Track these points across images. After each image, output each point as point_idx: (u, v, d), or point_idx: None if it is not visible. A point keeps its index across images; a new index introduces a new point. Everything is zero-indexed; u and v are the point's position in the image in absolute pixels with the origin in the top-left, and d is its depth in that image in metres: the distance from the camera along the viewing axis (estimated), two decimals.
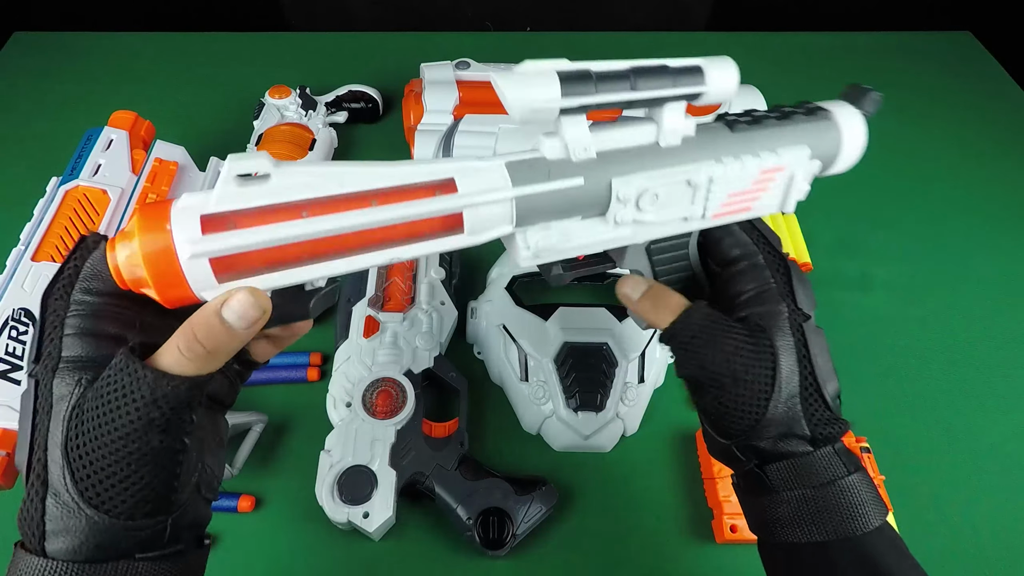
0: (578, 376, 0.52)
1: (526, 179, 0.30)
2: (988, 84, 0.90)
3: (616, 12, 1.02)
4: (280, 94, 0.71)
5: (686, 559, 0.49)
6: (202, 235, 0.24)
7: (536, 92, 0.28)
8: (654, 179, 0.32)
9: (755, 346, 0.33)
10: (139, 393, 0.24)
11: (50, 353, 0.26)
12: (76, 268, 0.27)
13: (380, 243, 0.27)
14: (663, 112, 0.32)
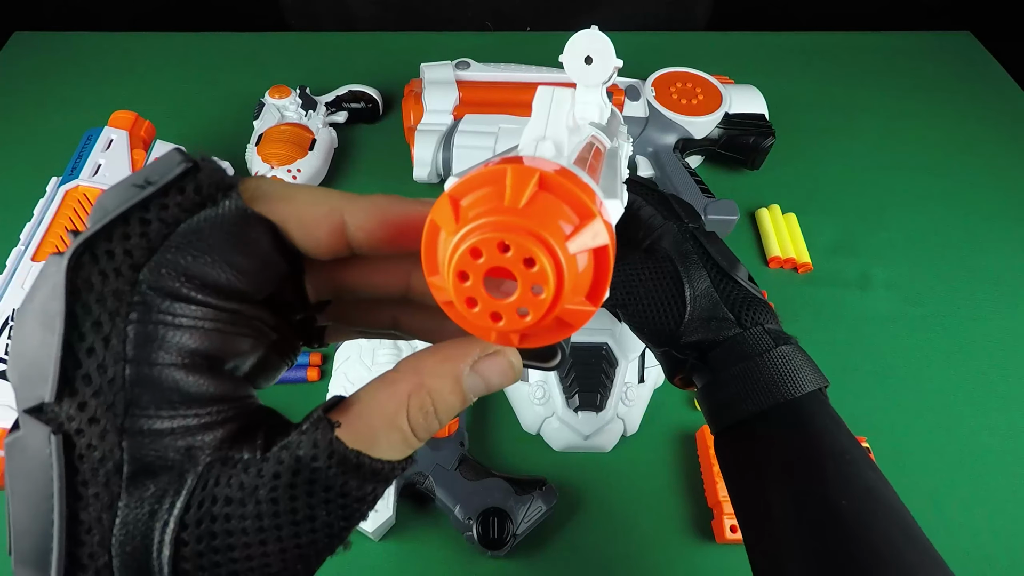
0: (578, 376, 0.52)
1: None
2: (988, 84, 0.89)
3: (616, 12, 1.02)
4: (280, 94, 0.71)
5: (686, 559, 0.49)
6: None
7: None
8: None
9: (655, 264, 0.38)
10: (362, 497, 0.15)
11: (100, 388, 0.14)
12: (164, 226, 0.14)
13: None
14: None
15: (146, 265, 0.14)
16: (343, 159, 0.75)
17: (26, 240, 0.53)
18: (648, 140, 0.70)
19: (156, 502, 0.14)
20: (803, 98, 0.84)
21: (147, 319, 0.14)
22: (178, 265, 0.14)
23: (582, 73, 0.30)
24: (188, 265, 0.14)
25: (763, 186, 0.74)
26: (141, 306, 0.14)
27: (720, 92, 0.71)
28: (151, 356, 0.14)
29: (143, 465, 0.14)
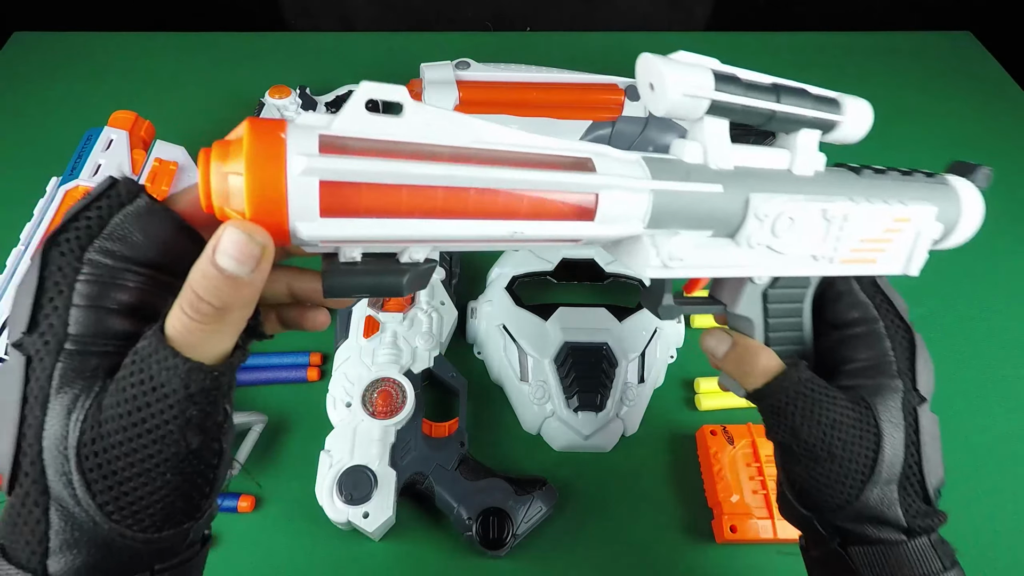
0: (578, 376, 0.52)
1: (665, 174, 0.28)
2: (988, 84, 0.90)
3: (616, 12, 1.02)
4: (280, 94, 0.71)
5: (686, 559, 0.49)
6: (319, 153, 0.21)
7: (693, 77, 0.27)
8: (794, 203, 0.30)
9: (859, 423, 0.30)
10: (172, 386, 0.20)
11: (51, 325, 0.21)
12: (100, 220, 0.22)
13: (502, 214, 0.24)
14: (797, 137, 0.31)
15: (89, 246, 0.21)
16: None
17: (26, 240, 0.54)
18: (648, 140, 0.70)
19: (72, 403, 0.21)
20: None
21: (91, 280, 0.21)
22: (106, 246, 0.22)
23: (648, 98, 0.28)
24: (112, 245, 0.22)
25: None
26: (85, 272, 0.21)
27: None
28: (94, 303, 0.21)
29: (66, 375, 0.21)
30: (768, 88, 0.29)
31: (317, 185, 0.21)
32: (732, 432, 0.52)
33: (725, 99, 0.28)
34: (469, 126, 0.23)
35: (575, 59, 0.81)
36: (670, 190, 0.27)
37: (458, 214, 0.23)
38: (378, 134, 0.22)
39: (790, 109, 0.29)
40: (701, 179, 0.28)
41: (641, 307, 0.57)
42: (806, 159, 0.31)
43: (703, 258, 0.30)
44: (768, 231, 0.30)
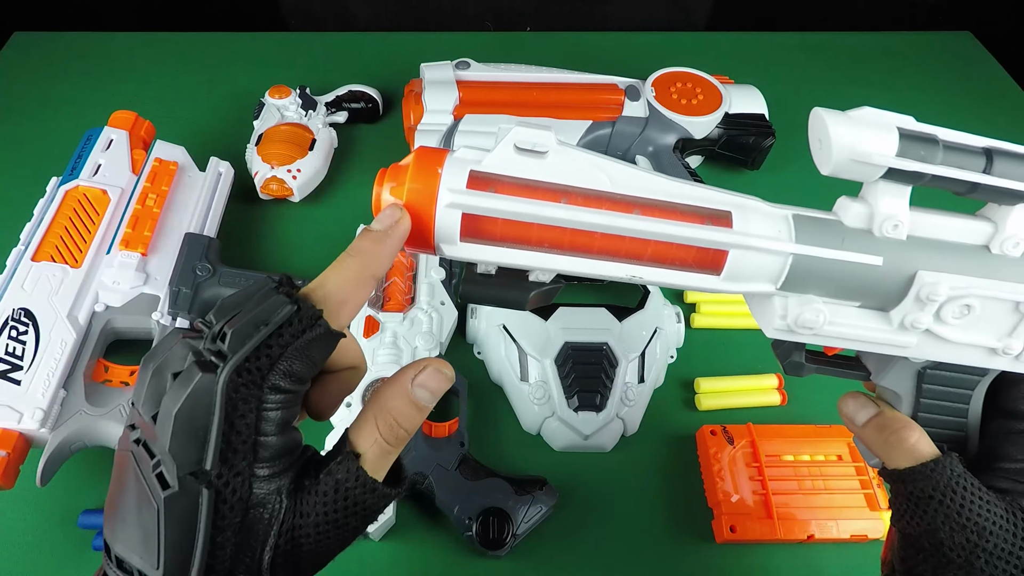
0: (578, 376, 0.52)
1: (813, 239, 0.26)
2: (988, 84, 0.90)
3: (616, 12, 1.02)
4: (280, 94, 0.71)
5: (686, 559, 0.49)
6: (465, 188, 0.24)
7: (868, 139, 0.24)
8: (975, 287, 0.26)
9: (1011, 535, 0.26)
10: (371, 507, 0.24)
11: (244, 456, 0.22)
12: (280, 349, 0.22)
13: (625, 256, 0.25)
14: (1011, 212, 0.26)
15: (270, 373, 0.22)
16: (343, 159, 0.75)
17: (26, 240, 0.53)
18: (648, 140, 0.70)
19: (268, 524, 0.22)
20: (803, 98, 0.84)
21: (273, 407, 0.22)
22: (284, 370, 0.22)
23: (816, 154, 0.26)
24: (290, 369, 0.23)
25: (763, 186, 0.74)
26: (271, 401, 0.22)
27: (720, 92, 0.71)
28: (275, 430, 0.23)
29: (258, 500, 0.22)
30: (976, 152, 0.25)
31: (459, 216, 0.25)
32: (732, 432, 0.52)
33: (908, 166, 0.24)
34: (607, 170, 0.25)
35: (575, 59, 0.81)
36: (814, 255, 0.25)
37: (582, 252, 0.25)
38: (521, 172, 0.25)
39: (1002, 183, 0.25)
40: (857, 248, 0.26)
41: (641, 307, 0.57)
42: (1017, 240, 0.26)
43: (842, 330, 0.27)
44: (930, 315, 0.26)
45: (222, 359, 0.22)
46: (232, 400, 0.21)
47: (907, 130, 0.24)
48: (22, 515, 0.49)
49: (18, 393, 0.46)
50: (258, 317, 0.22)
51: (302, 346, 0.23)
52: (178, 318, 0.54)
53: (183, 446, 0.21)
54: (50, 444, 0.46)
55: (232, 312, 0.23)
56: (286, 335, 0.22)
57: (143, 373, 0.24)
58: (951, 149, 0.25)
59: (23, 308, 0.50)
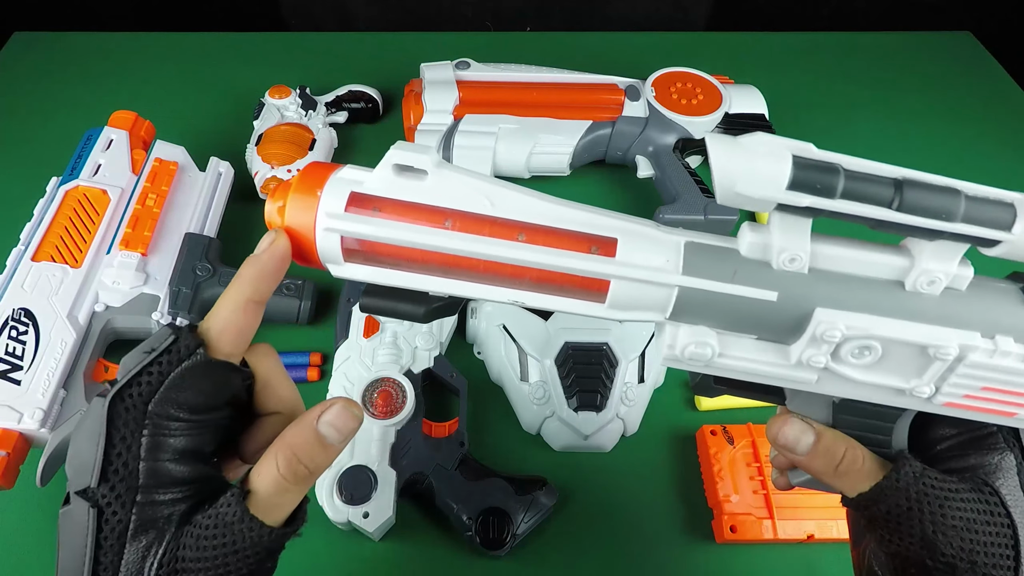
0: (578, 376, 0.52)
1: (703, 270, 0.24)
2: (988, 84, 0.90)
3: (616, 12, 1.02)
4: (280, 94, 0.71)
5: (686, 559, 0.49)
6: (344, 212, 0.24)
7: (755, 172, 0.21)
8: (877, 328, 0.24)
9: (990, 516, 0.25)
10: (254, 547, 0.23)
11: (122, 479, 0.22)
12: (160, 376, 0.23)
13: (509, 279, 0.25)
14: (925, 247, 0.23)
15: (152, 400, 0.23)
16: (343, 159, 0.75)
17: (26, 240, 0.54)
18: (648, 140, 0.70)
19: (146, 550, 0.22)
20: (803, 98, 0.84)
21: (153, 433, 0.23)
22: (169, 398, 0.23)
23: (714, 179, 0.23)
24: (173, 397, 0.23)
25: None
26: (150, 426, 0.23)
27: (720, 92, 0.71)
28: (155, 455, 0.23)
29: (141, 525, 0.22)
30: (886, 183, 0.22)
31: (338, 239, 0.24)
32: (732, 432, 0.52)
33: (800, 202, 0.21)
34: (488, 194, 0.24)
35: (575, 59, 0.81)
36: (702, 288, 0.24)
37: (465, 275, 0.25)
38: (402, 195, 0.24)
39: (911, 221, 0.22)
40: (751, 281, 0.24)
41: None
42: (930, 272, 0.24)
43: (737, 363, 0.25)
44: (827, 355, 0.25)
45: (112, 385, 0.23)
46: (114, 423, 0.22)
47: (804, 159, 0.21)
48: (22, 515, 0.49)
49: (18, 393, 0.46)
50: (143, 347, 0.24)
51: (184, 374, 0.23)
52: (178, 318, 0.54)
53: (78, 466, 0.23)
54: (50, 444, 0.46)
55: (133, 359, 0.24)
56: (164, 362, 0.23)
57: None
58: (855, 179, 0.22)
59: (23, 308, 0.50)
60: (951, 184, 0.22)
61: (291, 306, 0.57)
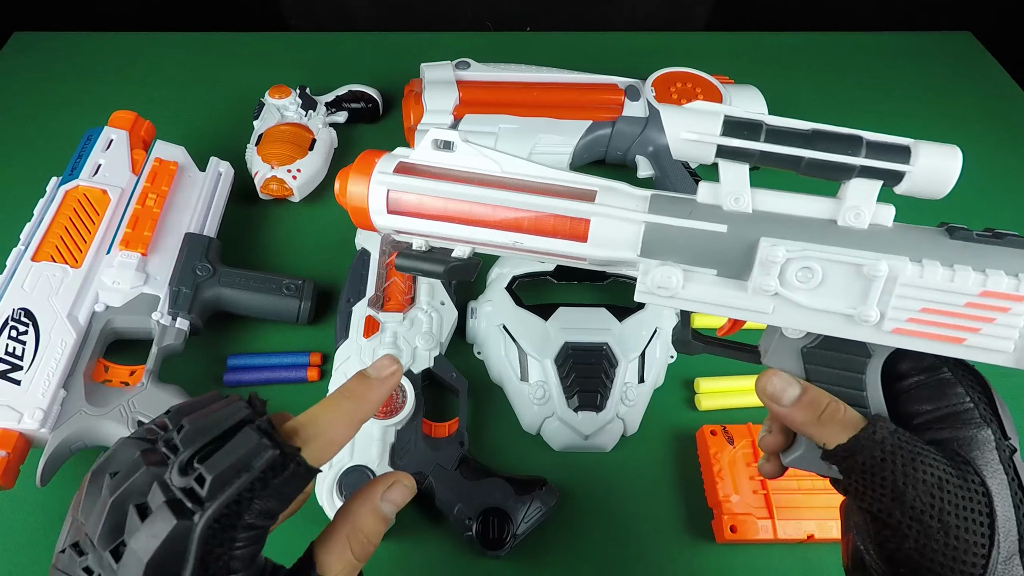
0: (578, 376, 0.52)
1: (667, 211, 0.29)
2: (988, 84, 0.90)
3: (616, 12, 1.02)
4: (280, 94, 0.71)
5: (686, 559, 0.49)
6: (392, 173, 0.32)
7: (695, 124, 0.27)
8: (812, 251, 0.28)
9: (964, 481, 0.25)
10: None
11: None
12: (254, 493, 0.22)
13: (510, 228, 0.31)
14: (848, 186, 0.28)
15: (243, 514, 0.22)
16: (343, 159, 0.75)
17: (26, 240, 0.54)
18: (648, 140, 0.70)
19: None
20: (803, 98, 0.84)
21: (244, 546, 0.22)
22: (258, 510, 0.22)
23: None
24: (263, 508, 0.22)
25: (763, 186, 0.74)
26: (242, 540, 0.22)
27: (720, 92, 0.71)
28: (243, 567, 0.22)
29: None
30: (802, 135, 0.28)
31: (385, 192, 0.32)
32: (732, 432, 0.52)
33: (734, 144, 0.28)
34: (499, 161, 0.31)
35: (575, 59, 0.81)
36: (664, 224, 0.29)
37: (476, 224, 0.31)
38: (437, 163, 0.32)
39: (823, 156, 0.27)
40: (704, 218, 0.29)
41: (641, 307, 0.57)
42: (857, 211, 0.28)
43: (699, 294, 0.30)
44: (775, 278, 0.28)
45: (198, 504, 0.21)
46: (208, 546, 0.21)
47: (733, 116, 0.28)
48: (22, 515, 0.49)
49: (18, 393, 0.46)
50: (240, 463, 0.22)
51: (279, 486, 0.23)
52: (178, 318, 0.54)
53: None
54: (50, 444, 0.46)
55: (200, 441, 0.22)
56: (269, 479, 0.22)
57: (92, 485, 0.23)
58: (774, 132, 0.27)
59: (23, 308, 0.50)
60: (858, 133, 0.27)
61: (291, 306, 0.57)
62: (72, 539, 0.23)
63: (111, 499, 0.22)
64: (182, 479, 0.22)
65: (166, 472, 0.22)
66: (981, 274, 0.26)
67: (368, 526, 0.25)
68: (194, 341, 0.56)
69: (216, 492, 0.21)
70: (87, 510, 0.23)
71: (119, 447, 0.24)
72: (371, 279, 0.57)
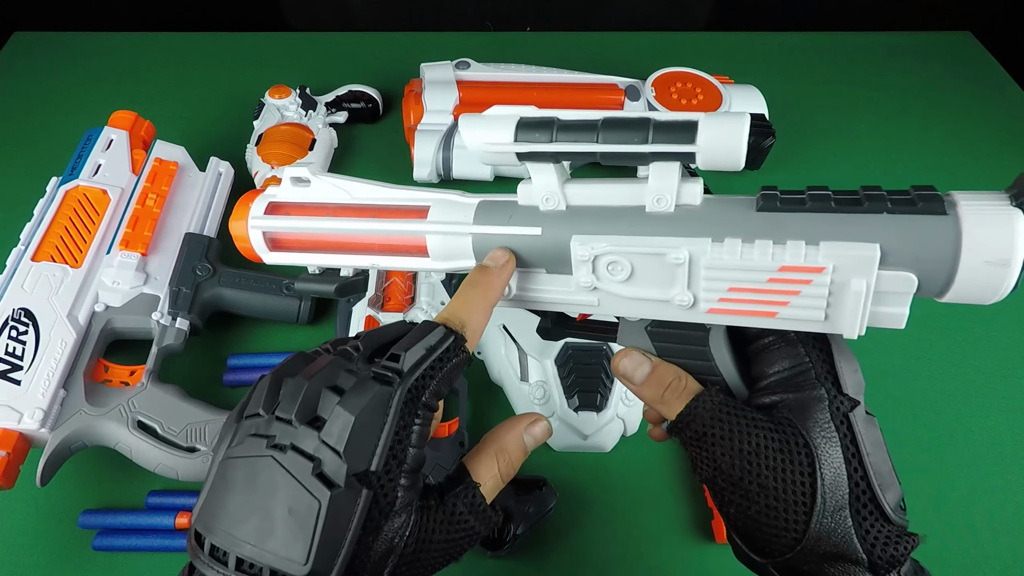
0: (578, 376, 0.52)
1: (487, 219, 0.31)
2: (988, 84, 0.90)
3: (616, 12, 1.02)
4: (280, 94, 0.71)
5: (686, 559, 0.49)
6: (263, 215, 0.35)
7: (489, 134, 0.28)
8: (616, 245, 0.28)
9: (786, 445, 0.26)
10: (484, 531, 0.27)
11: (400, 463, 0.25)
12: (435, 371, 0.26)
13: (367, 250, 0.34)
14: (651, 172, 0.27)
15: (426, 391, 0.26)
16: (343, 159, 0.75)
17: (26, 240, 0.54)
18: None
19: (400, 528, 0.24)
20: (803, 98, 0.84)
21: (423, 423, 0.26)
22: (435, 390, 0.26)
23: None
24: (438, 389, 0.26)
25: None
26: (421, 417, 0.25)
27: (720, 92, 0.71)
28: (419, 443, 0.25)
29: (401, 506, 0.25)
30: (592, 125, 0.27)
31: (260, 234, 0.35)
32: None
33: (528, 148, 0.27)
34: (348, 189, 0.34)
35: (575, 59, 0.81)
36: (487, 233, 0.30)
37: (342, 250, 0.34)
38: (298, 198, 0.35)
39: (613, 148, 0.26)
40: (522, 222, 0.30)
41: None
42: (659, 196, 0.27)
43: (535, 294, 0.32)
44: (589, 275, 0.29)
45: (398, 375, 0.25)
46: (402, 412, 0.25)
47: (527, 118, 0.27)
48: (22, 515, 0.49)
49: (18, 393, 0.46)
50: (427, 343, 0.26)
51: (450, 370, 0.27)
52: (178, 318, 0.54)
53: (356, 449, 0.24)
54: (50, 444, 0.46)
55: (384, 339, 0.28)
56: (446, 360, 0.26)
57: (271, 386, 0.26)
58: (565, 128, 0.27)
59: (23, 308, 0.50)
60: (648, 116, 0.26)
61: (291, 306, 0.57)
62: (247, 432, 0.25)
63: (306, 383, 0.25)
64: (369, 367, 0.26)
65: (351, 364, 0.26)
66: (781, 246, 0.25)
67: (513, 449, 0.29)
68: (194, 341, 0.56)
69: (412, 366, 0.26)
70: (268, 404, 0.25)
71: (294, 358, 0.28)
72: (371, 279, 0.57)
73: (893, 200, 0.25)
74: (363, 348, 0.27)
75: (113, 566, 0.47)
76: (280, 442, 0.24)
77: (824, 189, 0.26)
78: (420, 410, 0.25)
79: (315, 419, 0.25)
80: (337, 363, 0.26)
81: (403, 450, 0.25)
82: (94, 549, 0.47)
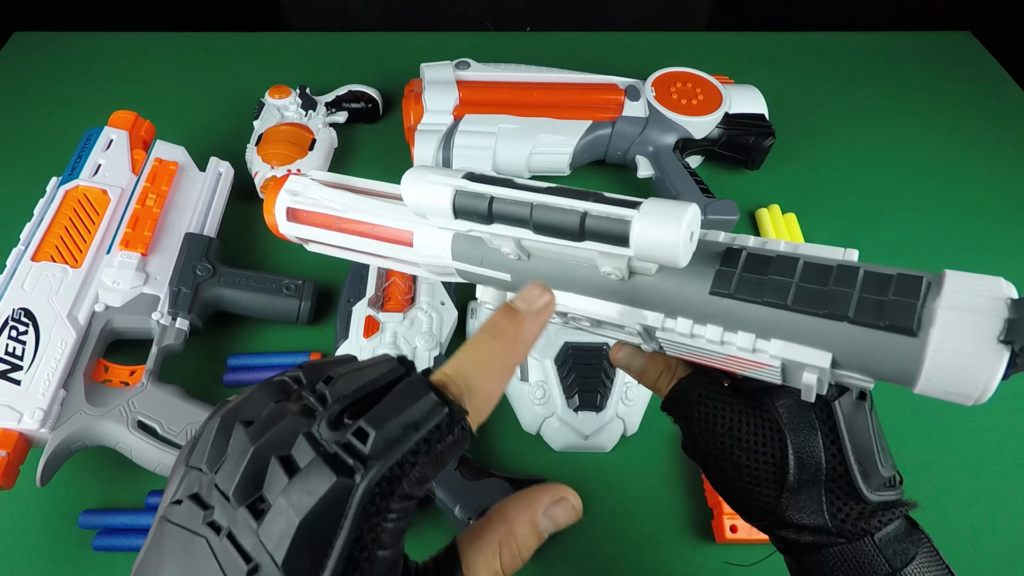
0: (578, 376, 0.52)
1: (463, 255, 0.32)
2: (988, 84, 0.90)
3: (616, 12, 1.02)
4: (280, 94, 0.71)
5: (686, 559, 0.49)
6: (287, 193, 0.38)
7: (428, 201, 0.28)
8: (575, 310, 0.29)
9: (760, 428, 0.28)
10: None
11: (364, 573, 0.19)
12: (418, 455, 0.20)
13: (368, 256, 0.37)
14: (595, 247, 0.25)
15: (403, 480, 0.19)
16: (343, 159, 0.75)
17: (26, 240, 0.54)
18: (648, 140, 0.70)
19: None
20: (803, 98, 0.84)
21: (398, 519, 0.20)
22: (417, 477, 0.20)
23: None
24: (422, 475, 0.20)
25: (763, 186, 0.74)
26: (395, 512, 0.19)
27: (720, 92, 0.71)
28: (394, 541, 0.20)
29: None
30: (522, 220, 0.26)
31: (285, 208, 0.38)
32: None
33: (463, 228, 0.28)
34: (342, 201, 0.36)
35: (575, 59, 0.81)
36: (463, 269, 0.32)
37: (348, 252, 0.37)
38: (314, 193, 0.37)
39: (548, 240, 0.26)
40: (493, 266, 0.31)
41: None
42: (611, 269, 0.27)
43: None
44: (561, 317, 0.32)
45: (361, 463, 0.18)
46: (365, 513, 0.18)
47: (465, 190, 0.27)
48: (22, 515, 0.49)
49: (18, 393, 0.46)
50: (408, 419, 0.20)
51: (442, 451, 0.20)
52: (178, 318, 0.54)
53: (300, 560, 0.18)
54: (50, 444, 0.46)
55: (355, 394, 0.20)
56: (434, 442, 0.20)
57: (220, 432, 0.20)
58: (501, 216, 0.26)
59: (23, 308, 0.50)
60: (581, 208, 0.24)
61: (291, 306, 0.58)
62: (189, 489, 0.20)
63: (252, 448, 0.19)
64: (333, 433, 0.19)
65: (313, 425, 0.20)
66: (732, 334, 0.25)
67: (523, 537, 0.23)
68: (194, 341, 0.56)
69: (381, 450, 0.19)
70: (213, 459, 0.20)
71: (255, 393, 0.22)
72: (371, 279, 0.57)
73: (860, 304, 0.23)
74: (331, 401, 0.20)
75: (113, 566, 0.47)
76: (217, 521, 0.19)
77: (792, 267, 0.24)
78: (396, 503, 0.19)
79: (258, 499, 0.19)
80: (295, 424, 0.20)
81: (367, 558, 0.19)
82: (94, 549, 0.47)
